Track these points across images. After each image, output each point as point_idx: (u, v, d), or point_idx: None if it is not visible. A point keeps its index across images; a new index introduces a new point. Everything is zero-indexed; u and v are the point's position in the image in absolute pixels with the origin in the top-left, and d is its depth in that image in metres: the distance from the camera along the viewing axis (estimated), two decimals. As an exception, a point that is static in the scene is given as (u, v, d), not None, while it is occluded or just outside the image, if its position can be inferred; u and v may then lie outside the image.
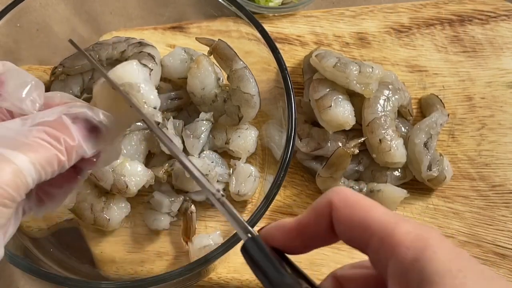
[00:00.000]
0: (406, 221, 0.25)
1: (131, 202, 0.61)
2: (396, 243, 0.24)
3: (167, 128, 0.60)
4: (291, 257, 0.29)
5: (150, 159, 0.63)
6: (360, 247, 0.26)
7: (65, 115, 0.34)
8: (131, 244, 0.61)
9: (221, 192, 0.32)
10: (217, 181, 0.61)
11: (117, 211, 0.59)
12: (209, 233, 0.60)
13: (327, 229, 0.27)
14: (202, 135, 0.60)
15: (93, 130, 0.35)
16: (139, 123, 0.59)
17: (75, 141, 0.33)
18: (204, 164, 0.59)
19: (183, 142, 0.61)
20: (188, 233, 0.60)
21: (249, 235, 0.29)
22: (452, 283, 0.22)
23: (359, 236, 0.26)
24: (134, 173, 0.58)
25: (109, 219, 0.59)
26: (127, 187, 0.58)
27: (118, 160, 0.58)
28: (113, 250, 0.61)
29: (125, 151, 0.60)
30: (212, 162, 0.61)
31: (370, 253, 0.26)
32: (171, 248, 0.61)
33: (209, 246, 0.57)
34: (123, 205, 0.60)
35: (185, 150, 0.61)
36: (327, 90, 0.62)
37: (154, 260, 0.61)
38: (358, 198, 0.26)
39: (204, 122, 0.61)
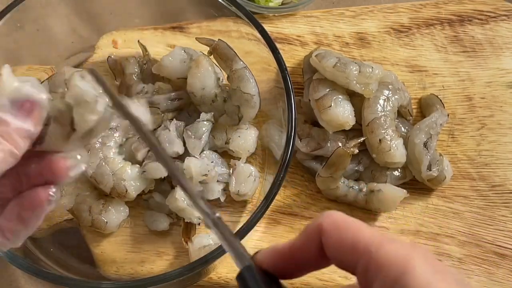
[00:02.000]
0: (392, 242, 0.25)
1: (131, 202, 0.61)
2: (380, 264, 0.24)
3: (169, 130, 0.60)
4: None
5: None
6: (350, 270, 0.26)
7: None
8: (131, 244, 0.61)
9: (218, 214, 0.30)
10: (217, 181, 0.61)
11: (115, 214, 0.59)
12: (209, 233, 0.60)
13: (318, 253, 0.27)
14: (203, 136, 0.60)
15: (27, 106, 0.32)
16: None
17: (9, 124, 0.31)
18: (203, 164, 0.59)
19: (184, 144, 0.61)
20: (188, 233, 0.60)
21: (247, 262, 0.28)
22: None
23: (348, 259, 0.26)
24: (134, 177, 0.59)
25: (106, 222, 0.59)
26: (126, 191, 0.58)
27: (120, 165, 0.58)
28: (113, 250, 0.61)
29: (124, 156, 0.60)
30: (212, 162, 0.61)
31: (358, 275, 0.26)
32: (171, 248, 0.61)
33: (209, 246, 0.57)
34: (121, 208, 0.60)
35: (186, 151, 0.61)
36: (327, 90, 0.62)
37: (154, 260, 0.61)
38: (347, 220, 0.27)
39: (205, 122, 0.61)
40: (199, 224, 0.60)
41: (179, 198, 0.57)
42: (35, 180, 0.34)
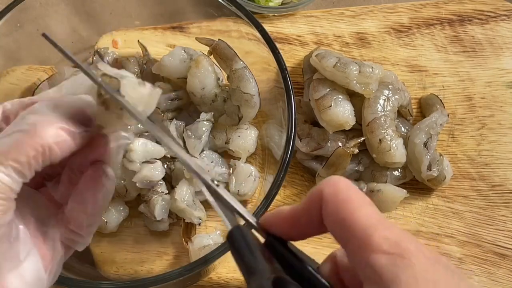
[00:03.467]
0: (387, 228, 0.25)
1: (131, 202, 0.61)
2: (372, 248, 0.24)
3: (169, 130, 0.60)
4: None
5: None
6: (342, 244, 0.26)
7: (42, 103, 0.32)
8: (131, 244, 0.61)
9: (216, 182, 0.32)
10: (217, 181, 0.61)
11: (115, 214, 0.59)
12: (209, 233, 0.60)
13: (318, 220, 0.27)
14: (203, 136, 0.60)
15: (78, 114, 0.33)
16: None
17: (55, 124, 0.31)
18: (203, 164, 0.59)
19: (184, 144, 0.61)
20: (188, 233, 0.60)
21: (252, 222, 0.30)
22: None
23: (341, 234, 0.26)
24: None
25: (106, 222, 0.59)
26: (126, 191, 0.58)
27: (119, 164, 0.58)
28: (113, 250, 0.61)
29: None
30: (212, 162, 0.61)
31: (349, 254, 0.26)
32: (171, 248, 0.61)
33: (209, 246, 0.57)
34: (121, 208, 0.60)
35: (186, 151, 0.61)
36: (327, 90, 0.62)
37: (154, 260, 0.61)
38: (349, 194, 0.26)
39: (205, 122, 0.61)
40: (199, 224, 0.60)
41: (179, 199, 0.57)
42: (86, 163, 0.35)
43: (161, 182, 0.59)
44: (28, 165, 0.30)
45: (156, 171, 0.58)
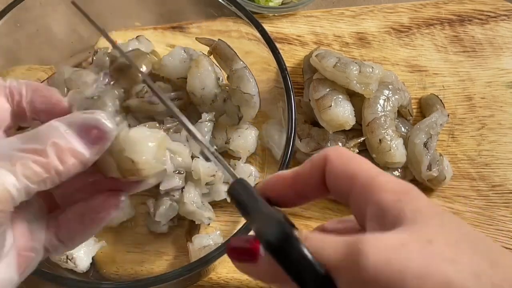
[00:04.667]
0: (388, 175, 0.27)
1: (131, 202, 0.61)
2: (376, 188, 0.26)
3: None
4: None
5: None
6: (344, 197, 0.28)
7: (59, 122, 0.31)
8: (131, 244, 0.61)
9: (215, 147, 0.32)
10: (223, 182, 0.61)
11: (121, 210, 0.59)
12: (209, 233, 0.60)
13: (320, 181, 0.29)
14: (206, 136, 0.60)
15: (94, 133, 0.31)
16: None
17: (68, 143, 0.30)
18: (211, 164, 0.59)
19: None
20: (192, 233, 0.60)
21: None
22: (430, 223, 0.24)
23: (345, 184, 0.27)
24: None
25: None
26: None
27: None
28: (113, 250, 0.61)
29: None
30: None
31: (352, 200, 0.27)
32: (171, 248, 0.61)
33: (209, 246, 0.57)
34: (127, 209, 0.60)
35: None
36: (327, 90, 0.62)
37: (154, 260, 0.61)
38: (353, 155, 0.28)
39: (207, 123, 0.61)
40: (209, 224, 0.60)
41: (188, 202, 0.57)
42: (106, 184, 0.34)
43: (179, 189, 0.59)
44: (37, 186, 0.29)
45: (181, 180, 0.58)
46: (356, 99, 0.63)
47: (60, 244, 0.34)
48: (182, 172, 0.58)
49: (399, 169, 0.63)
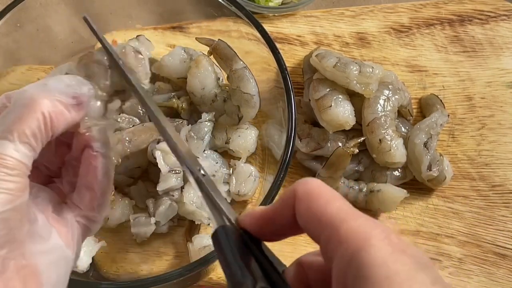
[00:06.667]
0: (357, 218, 0.24)
1: (130, 202, 0.61)
2: (340, 240, 0.24)
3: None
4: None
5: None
6: (315, 240, 0.26)
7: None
8: (131, 244, 0.61)
9: (203, 171, 0.31)
10: (222, 182, 0.61)
11: (120, 211, 0.59)
12: (209, 233, 0.60)
13: (292, 219, 0.27)
14: (206, 136, 0.61)
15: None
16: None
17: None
18: (210, 165, 0.59)
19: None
20: (192, 233, 0.60)
21: (226, 221, 0.29)
22: (385, 276, 0.22)
23: (314, 229, 0.26)
24: None
25: (108, 218, 0.59)
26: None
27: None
28: (113, 250, 0.61)
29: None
30: (217, 163, 0.61)
31: (321, 248, 0.26)
32: (171, 248, 0.61)
33: (209, 247, 0.57)
34: (127, 208, 0.60)
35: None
36: (327, 90, 0.62)
37: (154, 260, 0.61)
38: (321, 190, 0.26)
39: (207, 123, 0.61)
40: (208, 224, 0.60)
41: (188, 202, 0.57)
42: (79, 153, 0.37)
43: (178, 188, 0.59)
44: (34, 137, 0.31)
45: (178, 180, 0.58)
46: (356, 99, 0.63)
47: (87, 216, 0.36)
48: (178, 171, 0.58)
49: (399, 169, 0.63)
